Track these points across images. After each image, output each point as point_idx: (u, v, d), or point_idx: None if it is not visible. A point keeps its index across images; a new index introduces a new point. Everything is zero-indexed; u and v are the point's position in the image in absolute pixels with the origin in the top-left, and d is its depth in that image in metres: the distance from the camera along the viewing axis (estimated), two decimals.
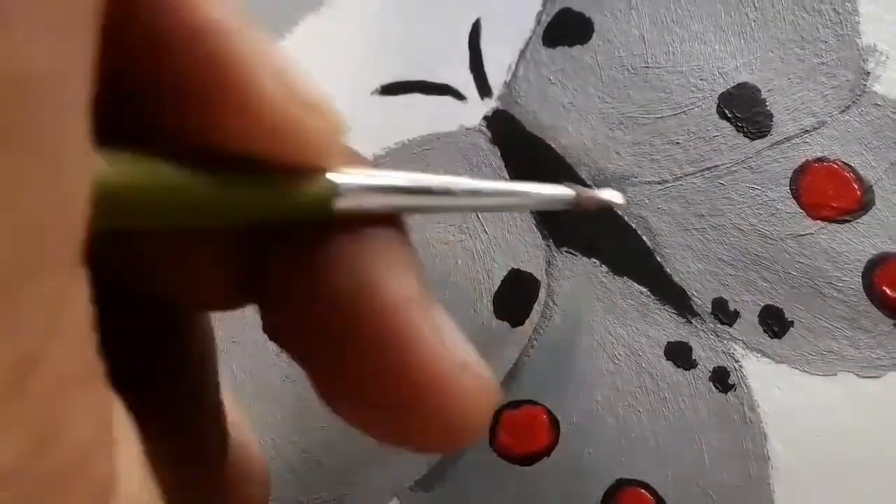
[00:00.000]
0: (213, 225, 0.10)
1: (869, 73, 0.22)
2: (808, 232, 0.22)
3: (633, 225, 0.23)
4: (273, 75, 0.09)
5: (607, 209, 0.19)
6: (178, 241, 0.11)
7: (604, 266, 0.23)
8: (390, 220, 0.11)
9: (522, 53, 0.25)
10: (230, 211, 0.09)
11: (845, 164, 0.22)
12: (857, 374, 0.21)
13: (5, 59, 0.06)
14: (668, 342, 0.22)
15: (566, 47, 0.25)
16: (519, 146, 0.25)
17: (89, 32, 0.07)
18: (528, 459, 0.22)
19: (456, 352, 0.10)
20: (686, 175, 0.23)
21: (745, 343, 0.21)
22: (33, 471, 0.06)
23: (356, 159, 0.11)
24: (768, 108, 0.23)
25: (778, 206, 0.22)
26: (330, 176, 0.10)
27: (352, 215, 0.10)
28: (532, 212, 0.24)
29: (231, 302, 0.11)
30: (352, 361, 0.10)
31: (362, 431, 0.11)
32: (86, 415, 0.07)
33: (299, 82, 0.09)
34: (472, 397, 0.10)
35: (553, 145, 0.24)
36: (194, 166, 0.09)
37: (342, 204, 0.10)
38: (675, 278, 0.22)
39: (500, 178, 0.25)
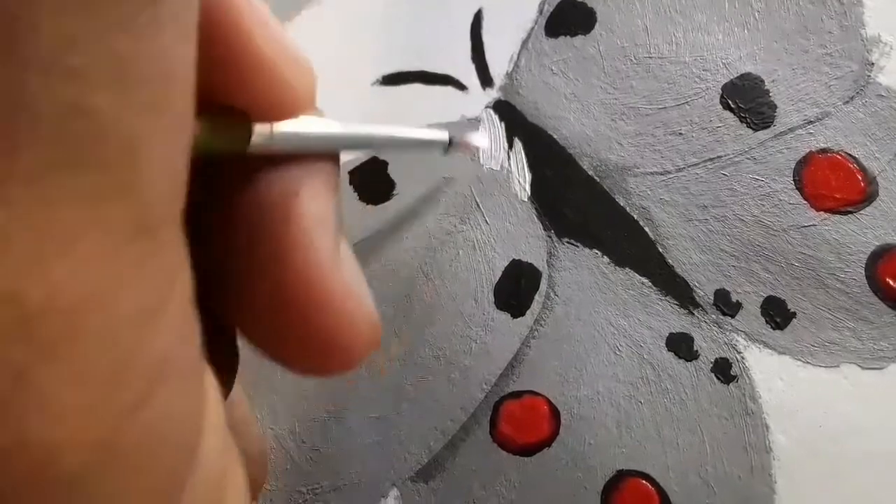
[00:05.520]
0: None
1: (873, 63, 0.22)
2: (811, 223, 0.21)
3: (635, 216, 0.23)
4: (267, 34, 0.10)
5: (474, 150, 0.23)
6: None
7: (605, 257, 0.23)
8: (320, 159, 0.12)
9: (524, 43, 0.25)
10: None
11: (849, 154, 0.22)
12: (860, 366, 0.20)
13: None
14: (670, 333, 0.22)
15: (568, 37, 0.25)
16: (520, 137, 0.24)
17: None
18: (529, 450, 0.22)
19: (348, 278, 0.11)
20: (689, 166, 0.23)
21: (747, 334, 0.21)
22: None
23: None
24: (772, 98, 0.23)
25: (781, 197, 0.22)
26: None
27: (275, 153, 0.11)
28: (531, 202, 0.24)
29: None
30: (255, 273, 0.11)
31: (258, 349, 0.11)
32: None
33: (286, 39, 0.10)
34: (352, 321, 0.11)
35: (555, 136, 0.24)
36: None
37: (256, 142, 0.11)
38: (678, 269, 0.22)
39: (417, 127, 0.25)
